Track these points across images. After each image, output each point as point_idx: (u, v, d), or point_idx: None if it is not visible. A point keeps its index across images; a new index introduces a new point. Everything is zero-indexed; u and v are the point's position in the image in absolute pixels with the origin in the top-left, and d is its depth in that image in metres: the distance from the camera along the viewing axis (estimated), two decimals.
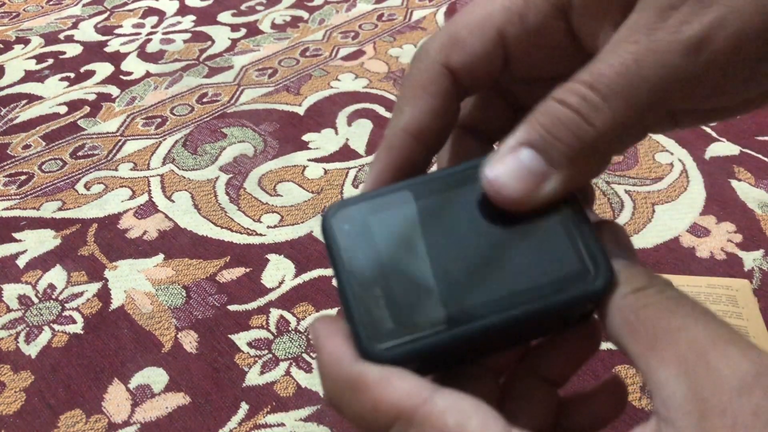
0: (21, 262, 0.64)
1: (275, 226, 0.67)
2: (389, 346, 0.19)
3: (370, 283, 0.20)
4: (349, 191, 0.71)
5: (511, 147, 0.19)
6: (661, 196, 0.69)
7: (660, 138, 0.77)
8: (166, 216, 0.69)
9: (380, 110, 0.83)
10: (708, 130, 0.78)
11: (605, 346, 0.54)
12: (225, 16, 1.06)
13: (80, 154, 0.78)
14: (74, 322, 0.58)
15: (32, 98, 0.88)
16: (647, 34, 0.18)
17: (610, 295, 0.19)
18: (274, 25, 1.03)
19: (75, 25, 1.05)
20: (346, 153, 0.76)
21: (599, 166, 0.20)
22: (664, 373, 0.17)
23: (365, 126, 0.80)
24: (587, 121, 0.18)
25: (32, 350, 0.56)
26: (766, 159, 0.73)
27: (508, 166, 0.19)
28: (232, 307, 0.59)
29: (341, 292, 0.20)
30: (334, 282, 0.21)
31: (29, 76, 0.93)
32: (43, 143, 0.80)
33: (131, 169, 0.75)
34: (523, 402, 0.23)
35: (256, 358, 0.55)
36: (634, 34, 0.18)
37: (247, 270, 0.62)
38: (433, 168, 0.24)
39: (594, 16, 0.20)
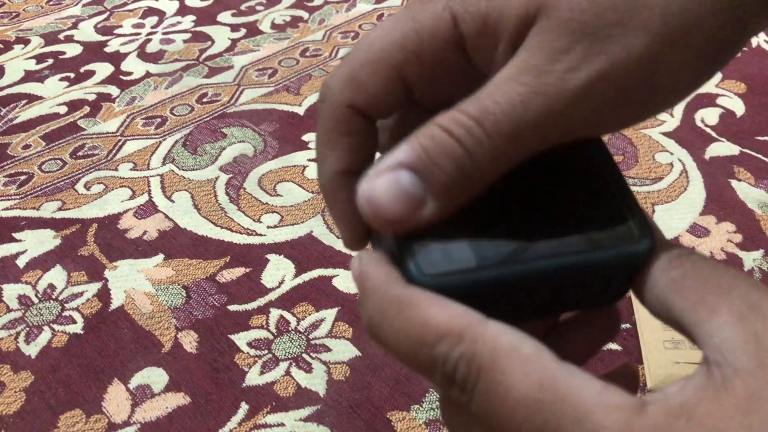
0: (21, 262, 0.64)
1: (275, 226, 0.67)
2: (438, 273, 0.19)
3: None
4: None
5: (391, 166, 0.19)
6: (661, 196, 0.69)
7: (660, 138, 0.77)
8: (166, 216, 0.69)
9: None
10: (708, 130, 0.78)
11: (605, 346, 0.54)
12: (225, 16, 1.06)
13: (80, 154, 0.78)
14: (74, 322, 0.58)
15: (32, 98, 0.88)
16: (536, 77, 0.18)
17: (653, 260, 0.20)
18: (274, 25, 1.03)
19: (75, 25, 1.05)
20: None
21: (474, 193, 0.20)
22: (716, 321, 0.17)
23: None
24: (469, 153, 0.19)
25: (32, 350, 0.56)
26: (766, 159, 0.73)
27: (386, 185, 0.19)
28: (232, 307, 0.59)
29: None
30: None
31: (29, 76, 0.93)
32: (43, 143, 0.80)
33: (131, 169, 0.75)
34: None
35: (256, 358, 0.55)
36: (524, 75, 0.18)
37: (247, 270, 0.62)
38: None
39: (485, 46, 0.20)
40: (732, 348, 0.16)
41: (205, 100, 0.86)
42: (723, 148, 0.75)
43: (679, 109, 0.81)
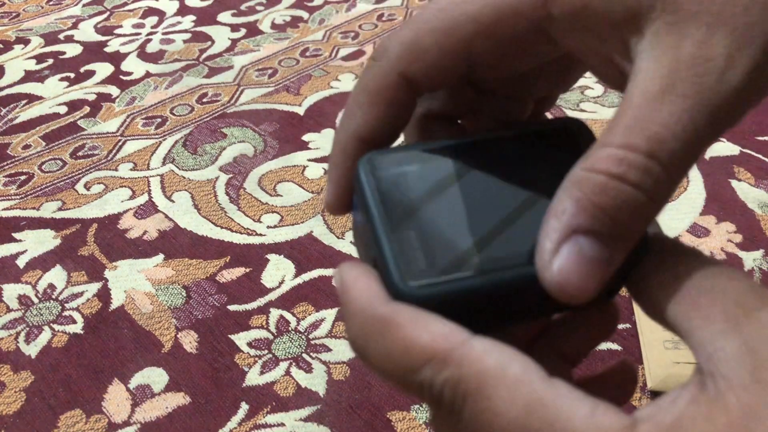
0: (21, 262, 0.64)
1: (275, 226, 0.67)
2: (422, 285, 0.18)
3: (404, 226, 0.19)
4: None
5: (565, 234, 0.17)
6: None
7: None
8: (166, 216, 0.69)
9: None
10: None
11: (605, 346, 0.54)
12: (225, 16, 1.06)
13: (80, 154, 0.78)
14: (74, 322, 0.58)
15: (32, 98, 0.88)
16: (694, 83, 0.16)
17: (646, 259, 0.19)
18: (274, 25, 1.03)
19: (75, 25, 1.05)
20: None
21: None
22: (710, 329, 0.16)
23: None
24: (650, 197, 0.17)
25: (32, 350, 0.56)
26: (766, 159, 0.73)
27: (570, 261, 0.17)
28: (232, 307, 0.59)
29: (373, 235, 0.20)
30: (352, 242, 0.20)
31: (29, 76, 0.93)
32: (43, 143, 0.80)
33: (131, 169, 0.75)
34: None
35: (256, 358, 0.55)
36: (680, 84, 0.17)
37: (247, 270, 0.62)
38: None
39: (580, 33, 0.19)
40: (726, 359, 0.15)
41: (205, 100, 0.86)
42: (723, 148, 0.75)
43: None
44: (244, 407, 0.51)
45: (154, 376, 0.54)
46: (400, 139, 0.23)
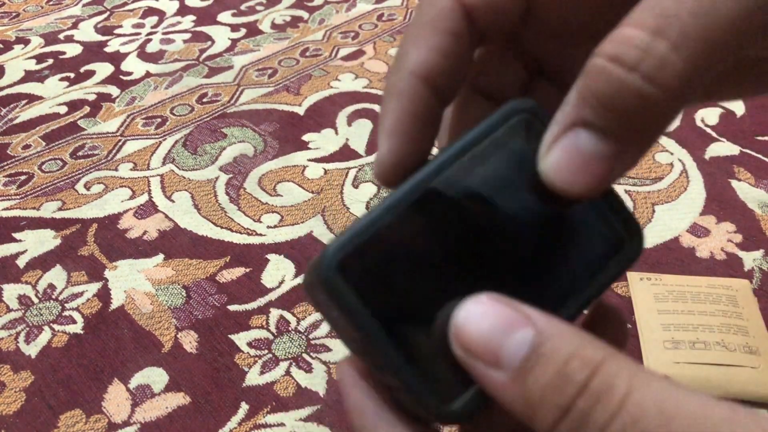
0: (21, 262, 0.64)
1: (275, 226, 0.67)
2: (459, 406, 0.17)
3: (402, 331, 0.17)
4: (349, 191, 0.71)
5: (564, 128, 0.16)
6: (661, 196, 0.69)
7: (660, 138, 0.77)
8: (166, 216, 0.69)
9: None
10: (708, 130, 0.78)
11: None
12: (225, 16, 1.06)
13: (80, 154, 0.78)
14: (74, 322, 0.58)
15: (32, 98, 0.88)
16: None
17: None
18: (274, 25, 1.03)
19: (75, 25, 1.05)
20: (346, 153, 0.76)
21: (667, 126, 0.16)
22: None
23: (365, 126, 0.80)
24: (653, 82, 0.14)
25: (32, 350, 0.56)
26: (766, 159, 0.73)
27: (565, 155, 0.16)
28: (232, 307, 0.59)
29: (370, 349, 0.17)
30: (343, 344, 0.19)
31: (29, 76, 0.93)
32: (43, 143, 0.80)
33: (131, 169, 0.75)
34: None
35: (256, 358, 0.55)
36: None
37: (247, 270, 0.62)
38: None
39: None
40: None
41: (205, 100, 0.86)
42: (723, 148, 0.75)
43: None
44: (244, 407, 0.51)
45: (154, 376, 0.54)
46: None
